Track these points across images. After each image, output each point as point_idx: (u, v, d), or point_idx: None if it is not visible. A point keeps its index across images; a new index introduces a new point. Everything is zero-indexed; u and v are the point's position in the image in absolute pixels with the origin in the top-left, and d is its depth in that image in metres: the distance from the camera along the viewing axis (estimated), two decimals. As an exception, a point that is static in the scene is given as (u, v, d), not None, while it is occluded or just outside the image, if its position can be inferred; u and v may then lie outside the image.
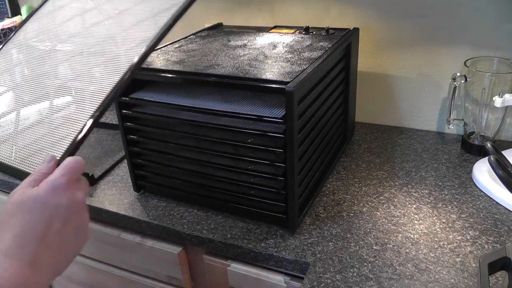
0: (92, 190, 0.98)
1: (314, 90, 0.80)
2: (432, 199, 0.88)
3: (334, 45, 0.90)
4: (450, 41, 1.06)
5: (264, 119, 0.75)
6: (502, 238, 0.77)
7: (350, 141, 1.13)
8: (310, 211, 0.87)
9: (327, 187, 0.94)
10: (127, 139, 0.91)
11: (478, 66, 1.01)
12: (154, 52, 0.93)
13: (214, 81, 0.77)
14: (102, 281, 1.09)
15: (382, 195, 0.91)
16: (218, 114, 0.78)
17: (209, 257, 0.87)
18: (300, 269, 0.76)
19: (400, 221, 0.83)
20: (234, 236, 0.81)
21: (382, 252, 0.75)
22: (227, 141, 0.80)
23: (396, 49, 1.12)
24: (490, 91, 0.97)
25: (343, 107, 1.03)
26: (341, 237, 0.79)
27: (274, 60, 0.83)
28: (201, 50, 0.92)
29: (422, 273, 0.70)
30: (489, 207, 0.85)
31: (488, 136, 1.04)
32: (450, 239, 0.77)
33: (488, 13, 1.00)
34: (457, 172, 0.97)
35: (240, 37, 1.01)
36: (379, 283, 0.69)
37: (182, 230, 0.84)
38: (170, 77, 0.81)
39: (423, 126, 1.17)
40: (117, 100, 0.87)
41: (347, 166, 1.02)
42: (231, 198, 0.85)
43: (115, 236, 0.97)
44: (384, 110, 1.20)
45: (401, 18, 1.08)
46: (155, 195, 0.96)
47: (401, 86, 1.16)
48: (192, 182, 0.89)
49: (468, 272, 0.70)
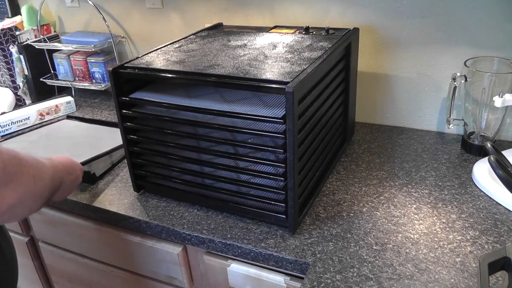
0: (94, 188, 0.98)
1: (314, 90, 0.80)
2: (432, 199, 0.88)
3: (334, 45, 0.90)
4: (450, 41, 1.06)
5: (264, 119, 0.75)
6: (502, 238, 0.77)
7: (350, 141, 1.13)
8: (310, 211, 0.87)
9: (327, 187, 0.94)
10: (127, 139, 0.91)
11: (478, 66, 1.01)
12: (154, 52, 0.93)
13: (214, 81, 0.77)
14: (102, 281, 1.09)
15: (382, 195, 0.91)
16: (218, 114, 0.78)
17: (209, 257, 0.87)
18: (300, 269, 0.76)
19: (400, 221, 0.83)
20: (234, 236, 0.81)
21: (382, 252, 0.75)
22: (227, 141, 0.80)
23: (396, 49, 1.12)
24: (490, 91, 0.97)
25: (343, 107, 1.03)
26: (341, 237, 0.79)
27: (274, 60, 0.83)
28: (201, 50, 0.92)
29: (422, 273, 0.70)
30: (489, 207, 0.85)
31: (488, 136, 1.04)
32: (450, 239, 0.77)
33: (488, 13, 1.00)
34: (457, 172, 0.97)
35: (240, 37, 1.01)
36: (379, 283, 0.69)
37: (182, 230, 0.84)
38: (170, 77, 0.81)
39: (423, 126, 1.17)
40: (117, 100, 0.87)
41: (347, 166, 1.02)
42: (231, 198, 0.85)
43: (115, 236, 0.97)
44: (384, 110, 1.20)
45: (401, 18, 1.08)
46: (155, 195, 0.96)
47: (401, 86, 1.16)
48: (192, 182, 0.89)
49: (468, 272, 0.70)
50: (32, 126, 1.32)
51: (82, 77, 1.51)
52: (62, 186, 0.79)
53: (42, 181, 0.67)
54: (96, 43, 1.40)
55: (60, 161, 0.80)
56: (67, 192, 0.82)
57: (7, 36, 1.46)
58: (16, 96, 1.51)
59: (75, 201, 0.96)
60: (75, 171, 0.85)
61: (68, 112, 1.40)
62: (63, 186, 0.79)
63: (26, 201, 0.63)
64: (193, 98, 0.84)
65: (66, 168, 0.81)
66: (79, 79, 1.52)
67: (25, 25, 1.55)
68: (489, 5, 0.99)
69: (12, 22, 1.53)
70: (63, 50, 1.50)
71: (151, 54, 0.92)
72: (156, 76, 0.82)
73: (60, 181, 0.77)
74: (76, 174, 0.85)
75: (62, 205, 0.99)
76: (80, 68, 1.49)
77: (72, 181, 0.83)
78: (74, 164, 0.85)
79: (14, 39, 1.48)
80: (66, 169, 0.80)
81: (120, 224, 0.93)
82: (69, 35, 1.51)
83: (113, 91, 0.86)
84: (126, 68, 0.85)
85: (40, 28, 1.51)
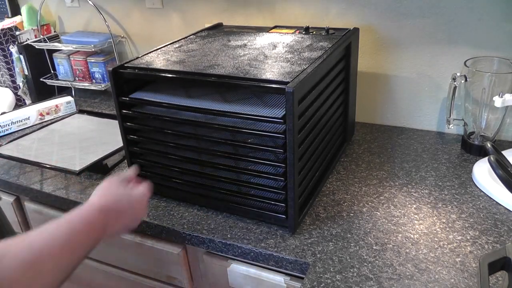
0: (94, 188, 0.98)
1: (314, 90, 0.80)
2: (432, 199, 0.88)
3: (334, 45, 0.90)
4: (450, 41, 1.06)
5: (264, 119, 0.75)
6: (502, 238, 0.77)
7: (350, 141, 1.13)
8: (310, 211, 0.87)
9: (327, 187, 0.94)
10: (127, 139, 0.91)
11: (478, 66, 1.01)
12: (154, 52, 0.93)
13: (214, 81, 0.77)
14: (102, 281, 1.09)
15: (382, 195, 0.91)
16: (218, 114, 0.78)
17: (209, 257, 0.87)
18: (300, 269, 0.76)
19: (400, 221, 0.83)
20: (234, 236, 0.81)
21: (382, 252, 0.75)
22: (227, 141, 0.80)
23: (396, 49, 1.12)
24: (490, 91, 0.97)
25: (343, 107, 1.03)
26: (341, 237, 0.79)
27: (274, 60, 0.83)
28: (201, 50, 0.92)
29: (422, 273, 0.70)
30: (489, 207, 0.85)
31: (488, 136, 1.04)
32: (450, 239, 0.77)
33: (488, 13, 1.00)
34: (457, 172, 0.97)
35: (240, 37, 1.01)
36: (379, 283, 0.69)
37: (182, 230, 0.84)
38: (170, 77, 0.81)
39: (423, 126, 1.17)
40: (117, 100, 0.87)
41: (347, 166, 1.02)
42: (231, 198, 0.85)
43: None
44: (384, 110, 1.20)
45: (401, 18, 1.08)
46: (155, 195, 0.95)
47: (401, 86, 1.16)
48: (192, 182, 0.89)
49: (468, 272, 0.70)
50: (39, 124, 1.33)
51: (82, 77, 1.51)
52: (106, 234, 0.65)
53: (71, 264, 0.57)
54: (96, 43, 1.40)
55: (107, 206, 0.66)
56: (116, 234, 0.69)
57: (7, 36, 1.46)
58: (16, 96, 1.51)
59: (74, 201, 0.96)
60: (126, 216, 0.70)
61: (68, 112, 1.40)
62: (108, 234, 0.66)
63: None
64: (193, 98, 0.84)
65: (111, 212, 0.67)
66: (79, 79, 1.51)
67: (25, 25, 1.55)
68: (489, 5, 0.99)
69: (12, 22, 1.53)
70: (63, 50, 1.50)
71: (151, 54, 0.92)
72: (156, 76, 0.82)
73: (99, 235, 0.64)
74: (131, 219, 0.71)
75: (62, 205, 0.99)
76: (80, 68, 1.49)
77: (122, 226, 0.69)
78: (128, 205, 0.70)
79: (14, 39, 1.48)
80: (108, 216, 0.66)
81: (120, 224, 0.93)
82: (69, 35, 1.51)
83: (113, 91, 0.86)
84: (126, 68, 0.85)
85: (40, 28, 1.51)
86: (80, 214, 0.62)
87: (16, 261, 0.51)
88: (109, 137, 1.19)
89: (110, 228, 0.66)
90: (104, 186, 0.72)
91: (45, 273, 0.53)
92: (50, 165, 1.04)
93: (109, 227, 0.66)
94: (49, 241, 0.55)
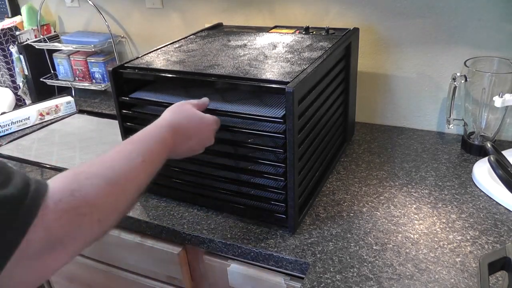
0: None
1: (314, 90, 0.80)
2: (432, 199, 0.88)
3: (334, 45, 0.90)
4: (450, 41, 1.06)
5: (264, 119, 0.75)
6: (502, 238, 0.77)
7: (350, 141, 1.13)
8: (310, 211, 0.87)
9: (327, 187, 0.94)
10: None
11: (478, 66, 1.01)
12: (154, 52, 0.93)
13: (214, 81, 0.77)
14: (102, 281, 1.09)
15: (382, 195, 0.91)
16: (218, 114, 0.78)
17: (209, 257, 0.87)
18: (300, 269, 0.76)
19: (400, 221, 0.83)
20: (234, 236, 0.81)
21: (382, 252, 0.75)
22: (227, 141, 0.80)
23: (396, 49, 1.12)
24: (490, 91, 0.97)
25: (343, 107, 1.03)
26: (341, 237, 0.79)
27: (274, 60, 0.83)
28: (201, 50, 0.92)
29: (422, 273, 0.70)
30: (489, 207, 0.85)
31: (488, 136, 1.04)
32: (450, 239, 0.77)
33: (488, 13, 1.00)
34: (457, 172, 0.97)
35: (240, 37, 1.01)
36: (379, 283, 0.69)
37: (182, 230, 0.84)
38: (170, 77, 0.81)
39: (423, 126, 1.17)
40: (117, 100, 0.87)
41: (347, 166, 1.02)
42: (231, 198, 0.85)
43: (115, 236, 0.96)
44: (384, 110, 1.20)
45: (401, 18, 1.08)
46: (155, 195, 0.95)
47: (401, 86, 1.16)
48: (192, 182, 0.89)
49: (468, 272, 0.70)
50: (39, 124, 1.33)
51: (82, 77, 1.51)
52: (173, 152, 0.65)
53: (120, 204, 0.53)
54: (96, 43, 1.40)
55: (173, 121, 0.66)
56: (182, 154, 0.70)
57: (7, 36, 1.46)
58: (16, 96, 1.51)
59: (75, 201, 0.96)
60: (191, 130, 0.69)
61: (68, 112, 1.40)
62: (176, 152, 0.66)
63: (87, 244, 0.53)
64: (193, 98, 0.84)
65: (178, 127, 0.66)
66: (79, 79, 1.51)
67: (25, 25, 1.55)
68: (489, 5, 0.99)
69: (12, 22, 1.53)
70: (63, 50, 1.50)
71: (151, 54, 0.92)
72: (156, 76, 0.82)
73: (165, 153, 0.63)
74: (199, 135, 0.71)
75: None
76: (80, 68, 1.49)
77: (188, 148, 0.70)
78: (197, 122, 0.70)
79: (14, 39, 1.48)
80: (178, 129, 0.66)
81: (120, 224, 0.93)
82: (69, 35, 1.51)
83: (113, 91, 0.86)
84: (126, 68, 0.85)
85: (40, 28, 1.51)
86: (153, 131, 0.63)
87: (99, 179, 0.49)
88: (109, 137, 1.19)
89: (178, 147, 0.66)
90: (176, 105, 0.71)
91: (127, 193, 0.54)
92: (50, 165, 1.04)
93: (177, 145, 0.66)
94: (128, 161, 0.55)
